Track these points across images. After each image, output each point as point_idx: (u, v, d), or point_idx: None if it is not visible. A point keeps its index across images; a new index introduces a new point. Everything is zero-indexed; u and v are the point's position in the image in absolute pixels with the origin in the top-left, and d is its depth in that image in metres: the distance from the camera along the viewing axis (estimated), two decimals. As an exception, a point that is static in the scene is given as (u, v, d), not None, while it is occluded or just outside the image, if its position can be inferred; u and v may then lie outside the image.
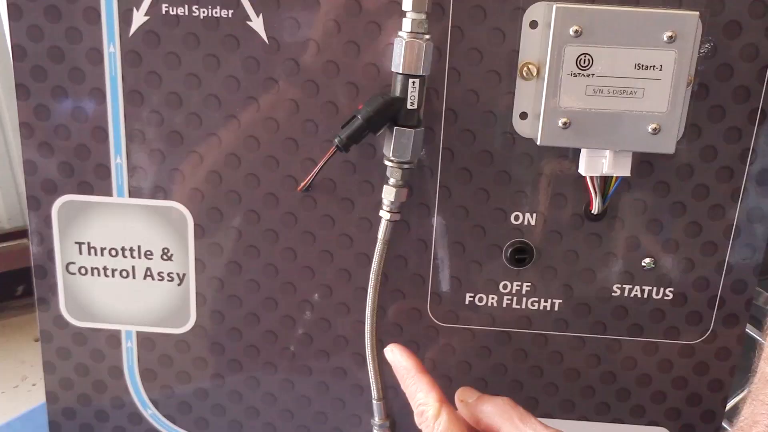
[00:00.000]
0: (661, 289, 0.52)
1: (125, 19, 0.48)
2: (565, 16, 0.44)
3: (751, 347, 0.44)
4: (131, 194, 0.52)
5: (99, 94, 0.50)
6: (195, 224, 0.53)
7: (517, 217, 0.51)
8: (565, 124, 0.45)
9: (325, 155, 0.48)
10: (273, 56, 0.49)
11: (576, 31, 0.44)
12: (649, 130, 0.45)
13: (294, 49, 0.49)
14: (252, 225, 0.52)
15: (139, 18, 0.48)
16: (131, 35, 0.49)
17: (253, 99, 0.50)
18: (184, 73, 0.49)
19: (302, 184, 0.50)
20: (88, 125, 0.51)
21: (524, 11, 0.47)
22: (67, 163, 0.52)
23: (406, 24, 0.45)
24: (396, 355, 0.49)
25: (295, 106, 0.50)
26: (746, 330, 0.54)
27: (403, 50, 0.45)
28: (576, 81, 0.45)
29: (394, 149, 0.47)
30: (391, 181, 0.49)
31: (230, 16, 0.48)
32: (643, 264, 0.52)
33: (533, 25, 0.47)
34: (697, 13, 0.44)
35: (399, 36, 0.46)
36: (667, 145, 0.46)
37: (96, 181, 0.52)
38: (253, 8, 0.48)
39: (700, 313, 0.53)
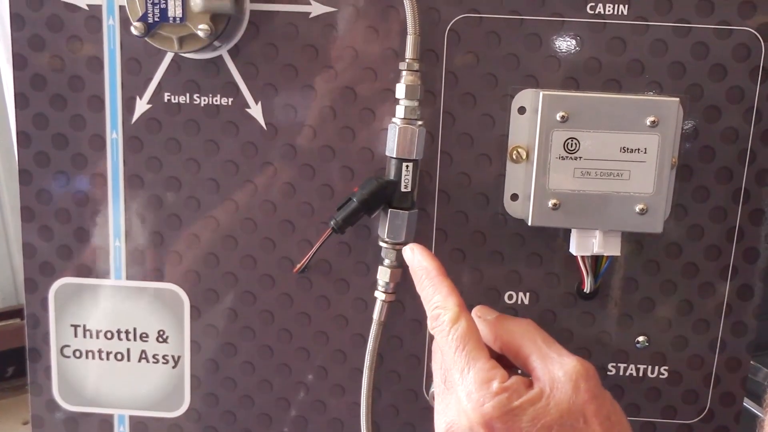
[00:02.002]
0: (656, 368, 0.52)
1: (128, 107, 0.50)
2: (552, 102, 0.46)
3: (752, 424, 0.44)
4: (128, 276, 0.53)
5: (100, 179, 0.51)
6: (191, 306, 0.53)
7: (510, 297, 0.52)
8: (555, 205, 0.47)
9: (321, 237, 0.49)
10: (271, 141, 0.50)
11: (563, 117, 0.46)
12: (637, 210, 0.47)
13: (291, 134, 0.50)
14: (248, 306, 0.53)
15: (142, 106, 0.50)
16: (134, 122, 0.51)
17: (250, 182, 0.51)
18: (184, 158, 0.51)
19: (298, 266, 0.51)
20: (89, 209, 0.52)
21: (512, 98, 0.49)
22: (66, 246, 0.52)
23: (400, 110, 0.47)
24: (416, 254, 0.46)
25: (292, 189, 0.51)
26: (747, 406, 0.54)
27: (397, 135, 0.47)
28: (564, 164, 0.46)
29: (388, 231, 0.48)
30: (386, 261, 0.49)
31: (230, 103, 0.50)
32: (637, 342, 0.52)
33: (521, 110, 0.49)
34: (677, 99, 0.46)
35: (393, 122, 0.48)
36: (654, 224, 0.47)
37: (94, 264, 0.53)
38: (252, 96, 0.50)
39: (696, 391, 0.53)
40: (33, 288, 0.53)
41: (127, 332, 0.53)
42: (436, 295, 0.43)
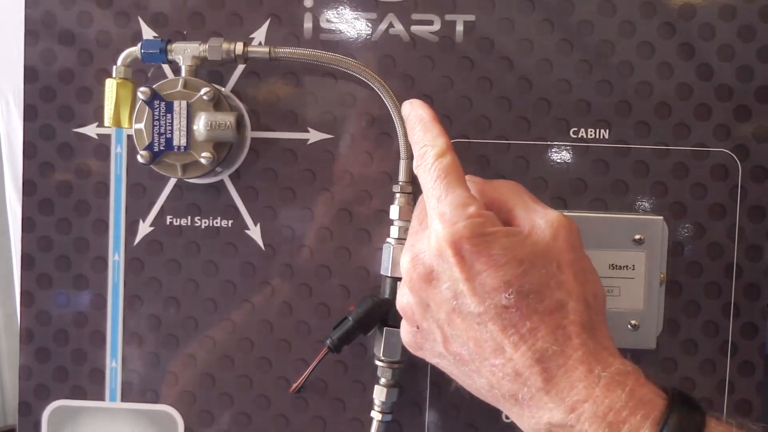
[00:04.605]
0: (660, 488, 0.51)
1: (131, 229, 0.52)
2: (541, 221, 0.48)
3: None
4: (123, 398, 0.52)
5: (100, 300, 0.52)
6: (185, 427, 0.52)
7: (507, 416, 0.51)
8: (548, 322, 0.47)
9: (318, 356, 0.50)
10: (268, 261, 0.52)
11: (551, 235, 0.47)
12: (629, 326, 0.47)
13: (289, 254, 0.52)
14: (243, 427, 0.52)
15: (144, 228, 0.52)
16: (136, 244, 0.52)
17: (248, 301, 0.52)
18: (183, 279, 0.52)
19: (294, 385, 0.51)
20: (87, 330, 0.52)
21: (503, 217, 0.51)
22: (62, 367, 0.52)
23: (394, 231, 0.49)
24: (414, 105, 0.44)
25: (289, 308, 0.52)
26: None
27: (392, 254, 0.48)
28: (555, 281, 0.47)
29: (384, 349, 0.48)
30: (382, 380, 0.49)
31: (230, 225, 0.52)
32: (638, 461, 0.51)
33: (512, 229, 0.50)
34: (661, 217, 0.48)
35: (387, 242, 0.49)
36: (647, 340, 0.48)
37: (89, 386, 0.52)
38: (252, 218, 0.52)
39: None
40: (26, 411, 0.53)
41: (119, 457, 0.52)
42: (426, 135, 0.42)
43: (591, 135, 0.51)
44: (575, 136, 0.51)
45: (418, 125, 0.43)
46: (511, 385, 0.36)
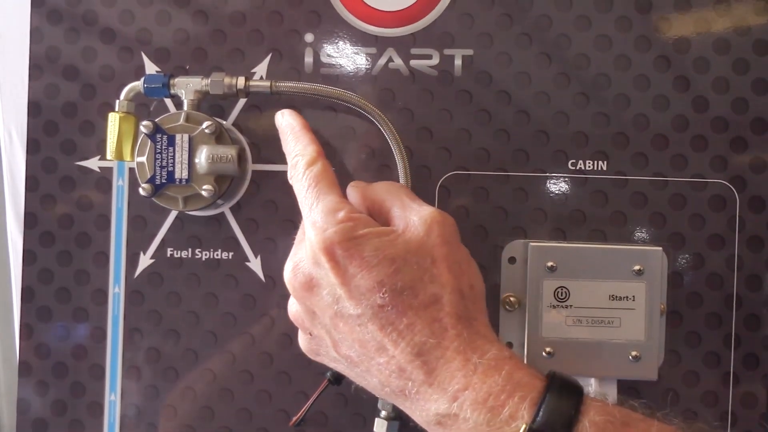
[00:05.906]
0: None
1: (132, 262, 0.52)
2: (540, 253, 0.48)
3: None
4: (122, 432, 0.52)
5: (100, 333, 0.52)
6: (184, 462, 0.52)
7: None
8: (548, 353, 0.47)
9: (318, 388, 0.49)
10: (269, 293, 0.52)
11: (551, 266, 0.48)
12: (630, 357, 0.47)
13: (289, 286, 0.52)
14: (242, 462, 0.52)
15: (145, 261, 0.52)
16: (136, 276, 0.52)
17: (247, 333, 0.52)
18: (184, 311, 0.52)
19: (295, 419, 0.50)
20: (86, 363, 0.52)
21: (503, 248, 0.51)
22: (61, 401, 0.52)
23: (394, 262, 0.49)
24: (285, 115, 0.46)
25: (289, 340, 0.52)
26: None
27: (392, 286, 0.48)
28: (556, 312, 0.48)
29: (385, 381, 0.48)
30: (383, 413, 0.49)
31: (230, 257, 0.52)
32: (642, 495, 0.50)
33: (512, 260, 0.51)
34: (660, 248, 0.48)
35: (387, 273, 0.49)
36: (649, 372, 0.47)
37: (88, 419, 0.52)
38: (252, 250, 0.52)
39: None
40: (24, 446, 0.52)
41: (117, 492, 0.52)
42: (297, 145, 0.43)
43: (589, 166, 0.51)
44: (574, 168, 0.51)
45: (290, 135, 0.45)
46: (398, 381, 0.37)
